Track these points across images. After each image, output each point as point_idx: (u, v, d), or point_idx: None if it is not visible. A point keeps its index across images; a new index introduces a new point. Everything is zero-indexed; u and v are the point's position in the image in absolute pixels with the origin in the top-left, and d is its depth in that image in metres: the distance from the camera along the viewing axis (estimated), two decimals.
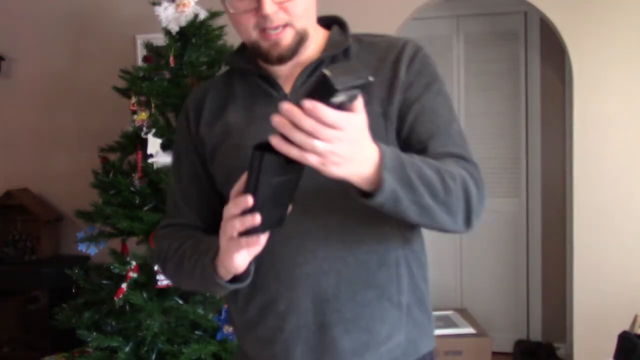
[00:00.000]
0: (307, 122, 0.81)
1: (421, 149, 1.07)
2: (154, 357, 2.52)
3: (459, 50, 3.99)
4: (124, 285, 2.50)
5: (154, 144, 2.61)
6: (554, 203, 3.86)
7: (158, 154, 2.61)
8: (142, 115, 2.66)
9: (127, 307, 2.56)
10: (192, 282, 1.11)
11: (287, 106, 0.82)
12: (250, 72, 1.16)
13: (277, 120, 0.83)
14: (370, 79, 0.84)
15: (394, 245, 1.10)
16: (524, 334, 3.98)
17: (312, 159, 0.84)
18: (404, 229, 1.11)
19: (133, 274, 2.51)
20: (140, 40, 3.49)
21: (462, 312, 3.74)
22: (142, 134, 2.63)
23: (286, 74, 1.14)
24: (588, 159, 3.04)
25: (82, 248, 2.75)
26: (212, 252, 1.03)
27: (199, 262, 1.06)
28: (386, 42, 1.17)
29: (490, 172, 3.99)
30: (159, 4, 2.72)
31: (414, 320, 1.13)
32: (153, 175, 2.61)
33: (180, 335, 2.56)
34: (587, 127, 3.04)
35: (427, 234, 1.19)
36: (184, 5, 2.67)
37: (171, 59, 2.68)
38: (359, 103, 0.86)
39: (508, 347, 3.92)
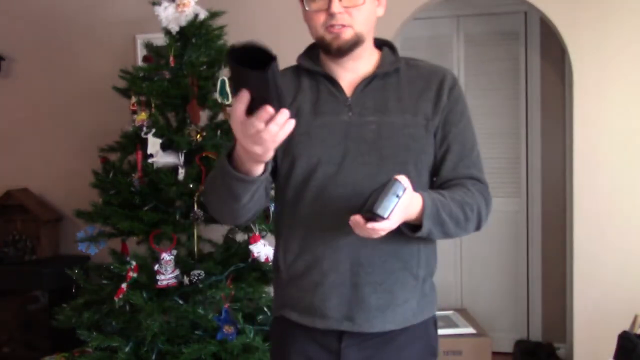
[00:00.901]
0: (369, 229, 1.20)
1: (453, 166, 1.41)
2: (154, 357, 2.52)
3: (459, 50, 3.99)
4: (124, 285, 2.50)
5: (154, 144, 2.60)
6: (554, 203, 3.86)
7: (158, 154, 2.61)
8: (142, 115, 2.66)
9: (127, 307, 2.56)
10: (216, 188, 1.28)
11: (352, 219, 1.21)
12: (317, 72, 1.43)
13: (351, 221, 1.21)
14: (402, 190, 1.18)
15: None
16: (524, 334, 3.98)
17: (375, 234, 1.21)
18: None
19: (133, 274, 2.51)
20: (140, 40, 3.49)
21: (462, 312, 3.74)
22: (142, 134, 2.63)
23: (347, 80, 1.41)
24: (588, 159, 3.04)
25: (82, 248, 2.75)
26: (227, 151, 1.22)
27: (219, 162, 1.25)
28: (429, 67, 1.46)
29: (490, 172, 3.95)
30: (159, 4, 2.72)
31: (424, 290, 1.44)
32: (153, 175, 2.61)
33: (180, 335, 2.56)
34: (587, 127, 3.03)
35: None
36: (184, 5, 2.67)
37: (171, 59, 2.68)
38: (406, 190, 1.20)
39: (508, 347, 3.92)
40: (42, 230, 3.62)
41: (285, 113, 1.02)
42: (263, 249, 2.61)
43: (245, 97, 0.99)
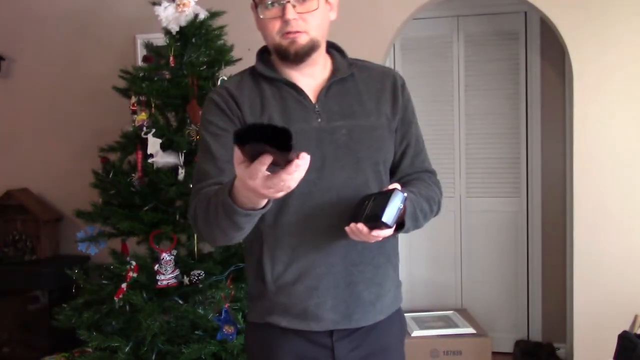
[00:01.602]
0: (390, 232, 1.30)
1: (410, 162, 1.53)
2: (154, 357, 2.52)
3: (459, 50, 3.99)
4: (124, 285, 2.50)
5: (154, 144, 2.60)
6: (554, 203, 3.86)
7: (158, 154, 2.61)
8: (142, 115, 2.66)
9: (127, 307, 2.56)
10: (219, 221, 1.27)
11: (352, 227, 1.29)
12: (277, 79, 1.44)
13: (349, 229, 1.30)
14: (404, 200, 1.29)
15: None
16: (524, 334, 3.98)
17: (375, 239, 1.31)
18: None
19: (133, 274, 2.51)
20: (140, 40, 3.49)
21: (462, 312, 3.74)
22: (142, 134, 2.62)
23: (308, 86, 1.45)
24: (588, 159, 3.04)
25: (82, 248, 2.75)
26: (228, 188, 1.21)
27: (220, 199, 1.24)
28: (377, 67, 1.55)
29: (490, 172, 3.99)
30: (159, 4, 2.72)
31: (397, 279, 1.56)
32: (153, 175, 2.61)
33: (180, 335, 2.56)
34: (587, 127, 3.03)
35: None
36: (184, 5, 2.67)
37: (171, 59, 2.68)
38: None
39: (508, 347, 3.92)
40: (42, 230, 3.62)
41: (306, 157, 1.04)
42: None
43: (268, 160, 1.03)
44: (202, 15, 2.72)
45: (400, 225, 1.36)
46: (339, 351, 1.45)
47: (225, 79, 2.69)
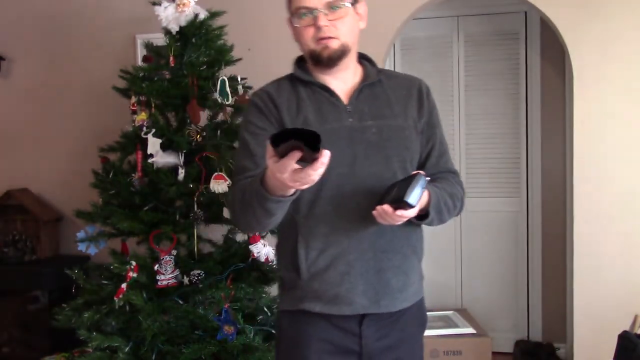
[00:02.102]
0: (413, 212, 1.42)
1: (435, 162, 1.65)
2: (154, 357, 2.52)
3: (459, 50, 3.99)
4: (124, 285, 2.50)
5: (154, 144, 2.60)
6: (554, 203, 3.86)
7: (158, 154, 2.61)
8: (142, 115, 2.66)
9: (127, 307, 2.56)
10: (253, 208, 1.42)
11: (379, 209, 1.41)
12: (312, 83, 1.59)
13: (376, 211, 1.42)
14: (427, 179, 1.41)
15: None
16: (524, 334, 3.98)
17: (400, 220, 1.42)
18: None
19: (133, 274, 2.51)
20: (140, 40, 3.49)
21: (462, 312, 3.74)
22: (142, 134, 2.62)
23: (340, 89, 1.59)
24: (588, 159, 3.04)
25: (82, 248, 2.75)
26: (260, 178, 1.36)
27: (254, 188, 1.39)
28: (404, 76, 1.70)
29: (490, 172, 3.99)
30: (159, 4, 2.72)
31: (421, 272, 1.66)
32: (153, 175, 2.61)
33: (180, 335, 2.56)
34: (587, 127, 3.03)
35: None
36: (184, 5, 2.67)
37: (171, 59, 2.68)
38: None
39: (508, 347, 3.92)
40: (42, 230, 3.62)
41: (327, 154, 1.19)
42: (263, 249, 2.61)
43: (297, 157, 1.19)
44: (202, 15, 2.72)
45: (424, 216, 1.50)
46: (366, 339, 1.56)
47: (226, 79, 2.70)
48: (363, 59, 1.67)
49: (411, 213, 1.40)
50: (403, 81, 1.66)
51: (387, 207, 1.39)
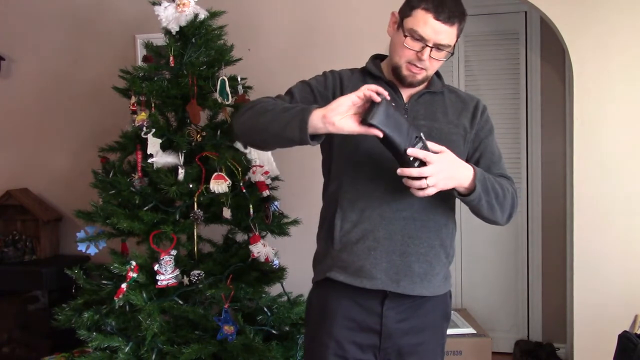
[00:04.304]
0: (415, 171, 1.49)
1: (487, 168, 1.72)
2: (153, 357, 2.52)
3: (459, 50, 3.99)
4: (124, 285, 2.50)
5: (154, 144, 2.60)
6: (554, 203, 3.86)
7: (158, 154, 2.61)
8: (142, 115, 2.66)
9: (127, 307, 2.56)
10: (278, 119, 1.53)
11: (400, 171, 1.51)
12: (382, 79, 1.72)
13: (400, 172, 1.51)
14: (422, 135, 1.52)
15: (451, 219, 1.74)
16: (524, 334, 3.98)
17: (430, 190, 1.50)
18: (454, 212, 1.75)
19: (133, 274, 2.51)
20: (140, 40, 3.49)
21: (462, 312, 3.74)
22: (142, 134, 2.62)
23: (404, 91, 1.72)
24: (588, 159, 3.04)
25: (82, 248, 2.75)
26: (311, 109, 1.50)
27: (299, 107, 1.54)
28: (465, 94, 1.82)
29: None
30: (159, 4, 2.72)
31: (449, 268, 1.75)
32: (153, 175, 2.61)
33: (180, 335, 2.56)
34: (587, 127, 3.03)
35: None
36: (184, 5, 2.67)
37: (171, 58, 2.68)
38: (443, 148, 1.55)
39: (508, 347, 3.92)
40: (42, 230, 3.62)
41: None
42: (263, 249, 2.61)
43: (353, 101, 1.46)
44: (202, 15, 2.72)
45: (470, 192, 1.57)
46: (386, 319, 1.66)
47: (226, 79, 2.70)
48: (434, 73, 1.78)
49: (413, 172, 1.48)
50: (463, 97, 1.79)
51: (399, 170, 1.49)
